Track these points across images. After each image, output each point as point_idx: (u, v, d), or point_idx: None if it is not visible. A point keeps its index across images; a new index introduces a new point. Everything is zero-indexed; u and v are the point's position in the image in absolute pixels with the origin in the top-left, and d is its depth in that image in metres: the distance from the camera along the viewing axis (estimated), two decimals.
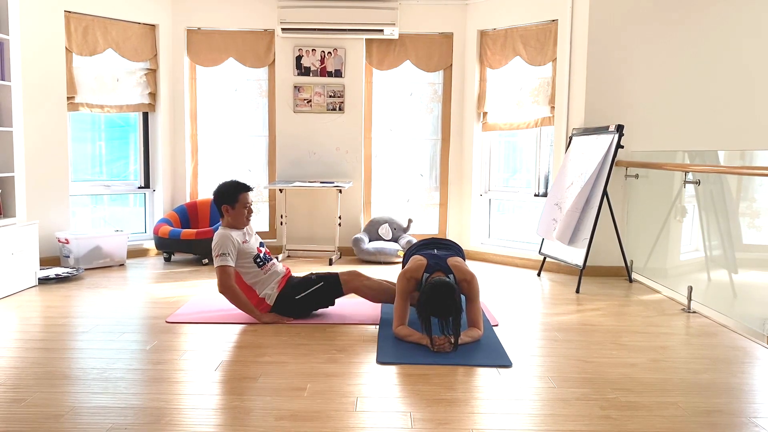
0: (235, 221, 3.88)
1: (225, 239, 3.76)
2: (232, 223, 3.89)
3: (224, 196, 3.88)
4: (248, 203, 3.91)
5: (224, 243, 3.75)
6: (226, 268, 3.72)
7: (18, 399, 2.62)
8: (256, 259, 3.86)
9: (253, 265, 3.85)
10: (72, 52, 5.51)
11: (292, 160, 6.25)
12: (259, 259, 3.88)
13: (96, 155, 6.08)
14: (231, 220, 3.88)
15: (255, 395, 2.69)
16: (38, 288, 4.70)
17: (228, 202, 3.87)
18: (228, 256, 3.73)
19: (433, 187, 6.42)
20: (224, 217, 3.89)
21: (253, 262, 3.85)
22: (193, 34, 6.17)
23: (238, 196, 3.87)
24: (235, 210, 3.87)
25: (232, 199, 3.86)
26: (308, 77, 6.17)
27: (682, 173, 4.47)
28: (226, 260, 3.73)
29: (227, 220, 3.89)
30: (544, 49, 5.52)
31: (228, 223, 3.89)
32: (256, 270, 3.85)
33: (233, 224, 3.89)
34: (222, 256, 3.72)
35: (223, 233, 3.80)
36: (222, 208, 3.88)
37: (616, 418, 2.51)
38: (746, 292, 3.95)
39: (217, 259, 3.73)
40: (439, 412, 2.53)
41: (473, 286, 3.46)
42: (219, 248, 3.74)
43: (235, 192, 3.88)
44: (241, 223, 3.90)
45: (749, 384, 2.91)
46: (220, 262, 3.72)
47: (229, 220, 3.89)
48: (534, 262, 5.65)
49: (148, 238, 6.18)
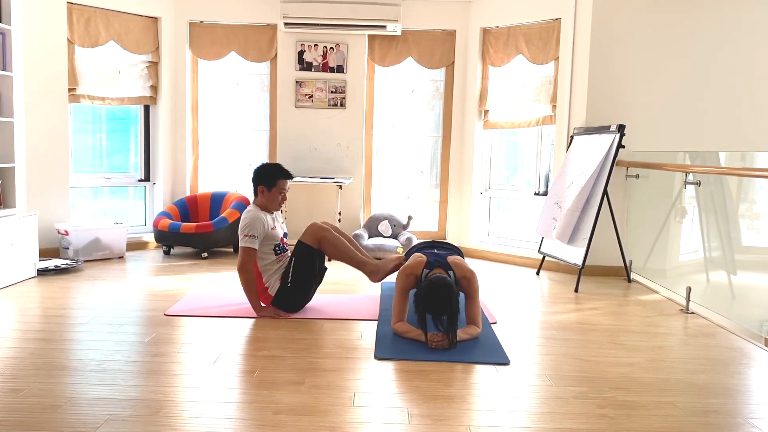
0: (268, 204, 3.91)
1: (257, 221, 3.78)
2: (264, 205, 3.91)
3: (263, 177, 3.90)
4: (285, 189, 3.94)
5: (255, 224, 3.77)
6: (249, 249, 3.75)
7: (16, 389, 2.62)
8: (276, 247, 3.89)
9: (271, 253, 3.87)
10: (74, 44, 5.50)
11: (293, 156, 6.25)
12: (278, 248, 3.91)
13: (97, 147, 6.07)
14: (264, 201, 3.91)
15: (253, 389, 2.69)
16: (37, 279, 4.70)
17: (266, 184, 3.89)
18: (255, 239, 3.75)
19: (433, 184, 6.42)
20: (258, 196, 3.92)
21: (272, 250, 3.87)
22: (196, 27, 6.16)
23: (277, 181, 3.89)
24: (270, 193, 3.89)
25: (271, 182, 3.89)
26: (310, 72, 6.17)
27: (682, 174, 4.47)
28: (253, 242, 3.75)
29: (260, 200, 3.91)
30: (547, 47, 5.52)
31: (260, 203, 3.91)
32: (272, 258, 3.88)
33: (265, 206, 3.91)
34: (250, 238, 3.74)
35: (256, 213, 3.82)
36: (258, 188, 3.91)
37: (613, 416, 2.52)
38: (745, 293, 3.96)
39: (245, 239, 3.75)
40: (436, 409, 2.54)
41: (473, 284, 3.46)
42: (248, 228, 3.76)
43: (275, 175, 3.90)
44: (273, 207, 3.93)
45: (746, 385, 2.91)
46: (246, 243, 3.74)
47: (263, 201, 3.91)
48: (533, 261, 5.65)
49: (147, 231, 6.18)
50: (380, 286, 4.63)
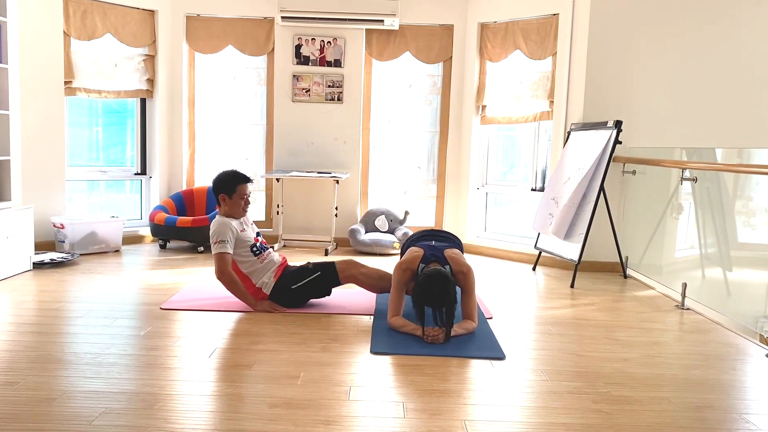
0: (231, 211, 3.88)
1: (224, 226, 3.76)
2: (228, 213, 3.88)
3: (222, 185, 3.88)
4: (246, 194, 3.91)
5: (223, 230, 3.75)
6: (223, 255, 3.72)
7: (11, 382, 2.62)
8: (253, 248, 3.87)
9: (249, 254, 3.85)
10: (70, 36, 5.48)
11: (290, 150, 6.24)
12: (256, 248, 3.88)
13: (93, 140, 6.05)
14: (227, 209, 3.88)
15: (248, 383, 2.69)
16: (33, 272, 4.69)
17: (225, 192, 3.86)
18: (227, 243, 3.73)
19: (430, 179, 6.42)
20: (221, 205, 3.89)
21: (249, 251, 3.85)
22: (193, 20, 6.13)
23: (236, 187, 3.87)
24: (232, 200, 3.86)
25: (230, 189, 3.86)
26: (307, 66, 6.15)
27: (679, 170, 4.47)
28: (225, 247, 3.73)
29: (224, 209, 3.89)
30: (545, 43, 5.51)
31: (225, 212, 3.89)
32: (252, 259, 3.85)
33: (230, 213, 3.88)
34: (221, 243, 3.72)
35: (221, 220, 3.80)
36: (219, 197, 3.88)
37: (607, 411, 2.52)
38: (740, 290, 3.97)
39: (216, 246, 3.73)
40: (431, 403, 2.54)
41: (469, 279, 3.46)
42: (217, 235, 3.74)
43: (233, 182, 3.87)
44: (238, 213, 3.90)
45: (741, 381, 2.92)
46: (219, 249, 3.72)
47: (226, 209, 3.88)
48: (529, 257, 5.66)
49: (143, 224, 6.17)
50: None
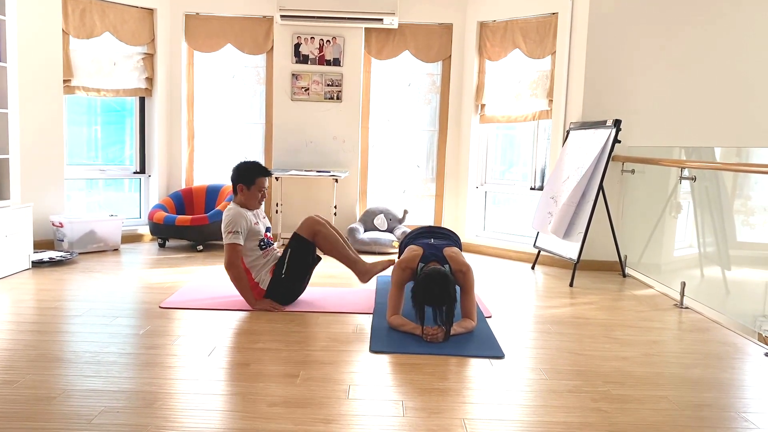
0: (247, 202, 3.90)
1: (239, 216, 3.77)
2: (244, 203, 3.90)
3: (242, 175, 3.89)
4: (264, 187, 3.93)
5: (238, 220, 3.75)
6: (236, 246, 3.73)
7: (10, 381, 2.62)
8: (261, 242, 3.88)
9: (256, 248, 3.86)
10: (69, 35, 5.47)
11: (289, 149, 6.24)
12: (263, 242, 3.89)
13: (92, 139, 6.05)
14: (244, 199, 3.89)
15: (248, 381, 2.69)
16: (31, 271, 4.69)
17: (245, 182, 3.87)
18: (240, 234, 3.74)
19: (429, 178, 6.42)
20: (237, 195, 3.90)
21: (257, 245, 3.86)
22: (192, 19, 6.13)
23: (255, 179, 3.88)
24: (249, 191, 3.88)
25: (250, 181, 3.87)
26: (306, 65, 6.15)
27: (678, 169, 4.48)
28: (238, 238, 3.73)
29: (239, 199, 3.90)
30: (544, 42, 5.51)
31: (240, 202, 3.90)
32: (258, 253, 3.87)
33: (245, 204, 3.90)
34: (234, 234, 3.72)
35: (237, 210, 3.81)
36: (237, 187, 3.89)
37: (606, 410, 2.53)
38: (739, 289, 3.97)
39: (229, 235, 3.73)
40: (430, 401, 2.54)
41: (468, 278, 3.46)
42: (232, 225, 3.74)
43: (254, 174, 3.89)
44: (253, 205, 3.92)
45: (739, 379, 2.92)
46: (231, 240, 3.72)
47: (242, 200, 3.90)
48: (528, 255, 5.66)
49: (142, 223, 6.17)
50: (375, 280, 4.63)
